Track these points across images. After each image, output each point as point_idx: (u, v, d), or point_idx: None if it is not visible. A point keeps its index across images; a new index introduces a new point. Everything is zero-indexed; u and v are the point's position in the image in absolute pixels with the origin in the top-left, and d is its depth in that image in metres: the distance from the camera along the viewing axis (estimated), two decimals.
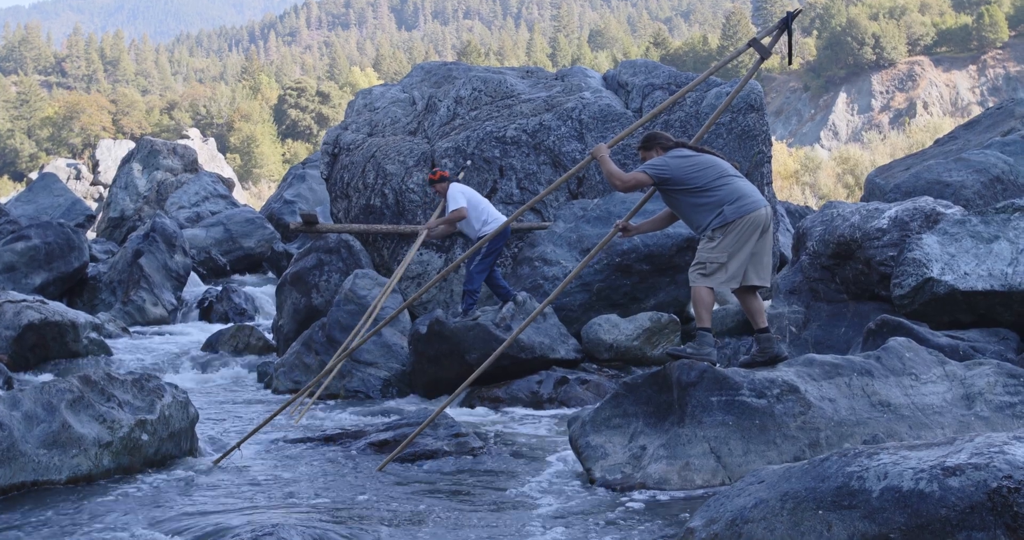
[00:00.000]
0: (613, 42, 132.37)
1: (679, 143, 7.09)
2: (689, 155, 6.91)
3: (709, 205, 6.78)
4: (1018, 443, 3.80)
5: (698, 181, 6.79)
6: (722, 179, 6.79)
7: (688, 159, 6.88)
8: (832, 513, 3.90)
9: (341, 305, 11.96)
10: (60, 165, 66.86)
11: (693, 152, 6.96)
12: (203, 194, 29.86)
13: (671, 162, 6.89)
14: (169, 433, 7.23)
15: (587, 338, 11.60)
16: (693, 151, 6.98)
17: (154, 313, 17.69)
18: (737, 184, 6.80)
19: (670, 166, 6.86)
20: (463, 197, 11.27)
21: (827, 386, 6.62)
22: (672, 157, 6.91)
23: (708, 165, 6.85)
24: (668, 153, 6.98)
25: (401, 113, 16.36)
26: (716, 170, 6.82)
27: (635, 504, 5.83)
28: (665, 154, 6.99)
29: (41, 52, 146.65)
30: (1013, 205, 9.65)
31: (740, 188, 6.78)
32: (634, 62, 17.13)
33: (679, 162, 6.87)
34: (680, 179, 6.82)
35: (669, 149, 7.04)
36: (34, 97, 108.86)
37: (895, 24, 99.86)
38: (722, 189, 6.76)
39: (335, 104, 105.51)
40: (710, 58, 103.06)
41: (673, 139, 7.14)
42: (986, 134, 16.20)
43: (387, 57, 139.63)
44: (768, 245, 6.86)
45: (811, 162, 64.69)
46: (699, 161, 6.87)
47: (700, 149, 7.03)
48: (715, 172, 6.81)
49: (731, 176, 6.85)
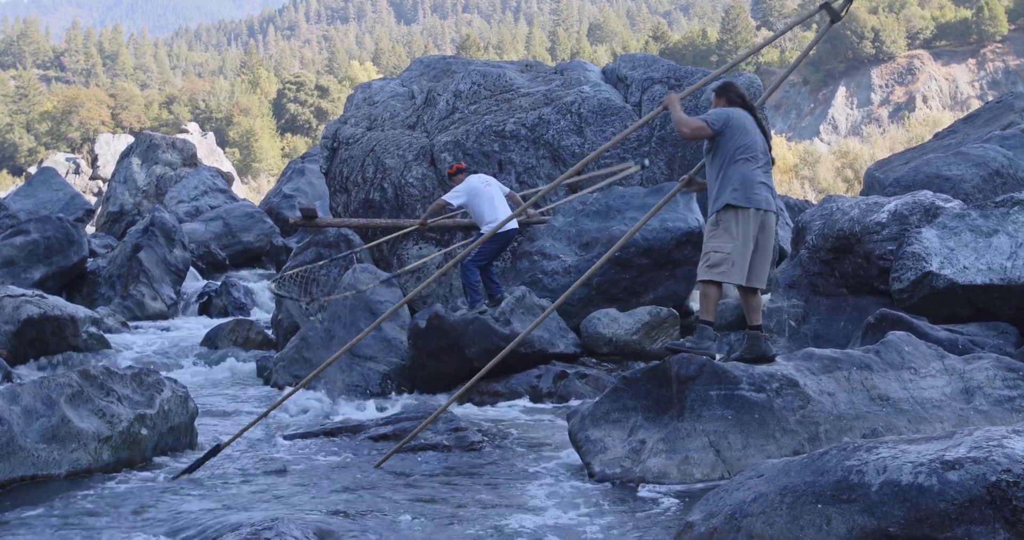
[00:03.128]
0: (612, 36, 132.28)
1: (748, 106, 7.07)
2: (746, 118, 6.90)
3: (726, 179, 6.77)
4: (1017, 437, 3.80)
5: (739, 142, 6.79)
6: (750, 160, 6.79)
7: (744, 121, 6.87)
8: (831, 507, 3.90)
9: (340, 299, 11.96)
10: (59, 159, 66.84)
11: (752, 116, 6.96)
12: (202, 188, 29.84)
13: (733, 113, 6.88)
14: (168, 427, 7.24)
15: (586, 332, 11.60)
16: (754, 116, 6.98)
17: (153, 307, 17.69)
18: (756, 174, 6.78)
19: (731, 117, 6.85)
20: (463, 194, 11.37)
21: (826, 380, 6.62)
22: (735, 111, 6.92)
23: (752, 138, 6.85)
24: (732, 108, 6.98)
25: (400, 107, 16.35)
26: (755, 149, 6.82)
27: (634, 498, 5.83)
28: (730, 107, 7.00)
29: (40, 46, 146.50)
30: (1012, 199, 9.65)
31: (757, 178, 6.78)
32: (633, 56, 17.11)
33: (739, 115, 6.87)
34: (731, 133, 6.80)
35: (734, 105, 7.03)
36: (33, 91, 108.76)
37: (894, 18, 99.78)
38: (746, 169, 6.77)
39: (334, 98, 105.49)
40: (709, 52, 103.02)
41: (744, 98, 7.11)
42: (985, 128, 16.16)
43: (386, 51, 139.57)
44: (769, 248, 6.86)
45: (810, 156, 64.62)
46: (750, 128, 6.87)
47: (760, 123, 7.02)
48: (752, 149, 6.81)
49: (760, 163, 6.84)
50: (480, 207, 11.41)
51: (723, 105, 7.04)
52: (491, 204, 11.43)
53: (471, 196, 11.41)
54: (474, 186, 11.46)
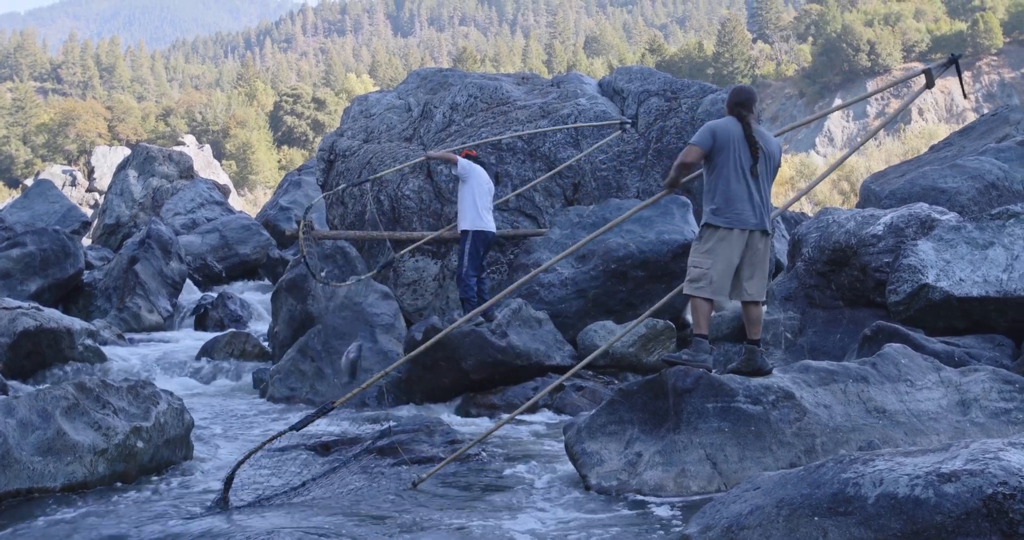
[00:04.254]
0: (609, 48, 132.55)
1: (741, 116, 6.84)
2: (734, 130, 6.74)
3: (710, 194, 6.76)
4: (1013, 449, 3.80)
5: (725, 155, 6.67)
6: (734, 174, 6.69)
7: (730, 133, 6.73)
8: (828, 520, 3.90)
9: (337, 312, 11.96)
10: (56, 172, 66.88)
11: (741, 129, 6.77)
12: (199, 201, 29.81)
13: (719, 127, 6.74)
14: (164, 440, 7.22)
15: (583, 345, 11.60)
16: (744, 128, 6.77)
17: (149, 320, 17.66)
18: (740, 190, 6.70)
19: (716, 131, 6.71)
20: (467, 171, 11.52)
21: (823, 392, 6.62)
22: (721, 124, 6.78)
23: (738, 153, 6.71)
24: (726, 118, 6.86)
25: (397, 119, 16.37)
26: (739, 162, 6.70)
27: (631, 511, 5.82)
28: (727, 117, 6.87)
29: (37, 59, 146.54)
30: (1008, 211, 9.66)
31: (741, 195, 6.73)
32: (629, 68, 17.15)
33: (726, 128, 6.73)
34: (719, 146, 6.68)
35: (732, 113, 6.88)
36: (30, 104, 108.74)
37: (890, 30, 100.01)
38: (729, 186, 6.70)
39: (331, 110, 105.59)
40: (705, 64, 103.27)
41: (745, 107, 6.86)
42: (981, 140, 16.19)
43: (383, 64, 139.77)
44: (762, 262, 6.85)
45: (806, 169, 64.78)
46: (736, 140, 6.72)
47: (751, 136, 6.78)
48: (737, 163, 6.69)
49: (745, 179, 6.70)
50: (466, 199, 11.41)
51: (726, 109, 7.00)
52: (474, 202, 11.40)
53: (470, 179, 11.47)
54: (478, 175, 11.49)
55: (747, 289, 6.85)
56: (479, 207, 11.38)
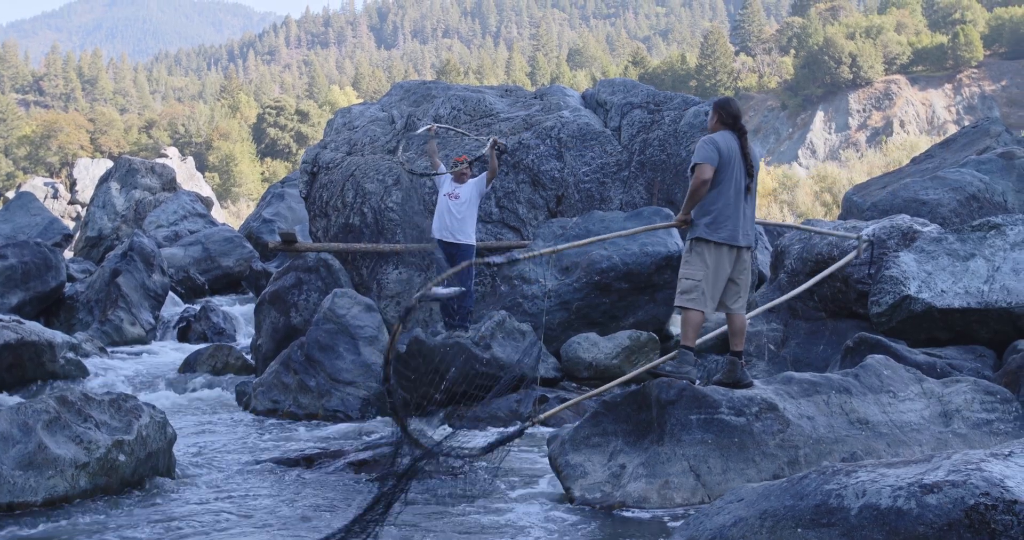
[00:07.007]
0: (592, 61, 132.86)
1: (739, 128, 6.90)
2: (731, 144, 6.80)
3: (703, 208, 6.79)
4: (995, 460, 3.81)
5: (722, 171, 6.71)
6: (733, 194, 6.74)
7: (731, 147, 6.78)
8: (811, 531, 3.91)
9: (320, 324, 11.91)
10: (37, 184, 66.46)
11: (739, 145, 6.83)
12: (181, 213, 29.72)
13: (719, 141, 6.78)
14: (147, 454, 7.18)
15: (566, 357, 11.60)
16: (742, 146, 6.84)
17: (132, 333, 17.58)
18: (730, 205, 6.75)
19: (719, 146, 6.75)
20: (444, 178, 12.40)
21: (806, 404, 6.63)
22: (720, 139, 6.82)
23: (732, 168, 6.77)
24: (721, 132, 6.88)
25: (380, 132, 16.36)
26: (733, 177, 6.75)
27: (615, 523, 5.82)
28: (720, 131, 6.89)
29: (18, 71, 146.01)
30: (989, 223, 9.72)
31: (730, 210, 6.76)
32: (613, 81, 17.19)
33: (724, 142, 6.77)
34: (722, 164, 6.72)
35: (725, 124, 6.91)
36: (11, 116, 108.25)
37: (871, 43, 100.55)
38: (726, 203, 6.74)
39: (314, 123, 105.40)
40: (688, 77, 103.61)
41: (739, 121, 6.93)
42: (962, 153, 16.30)
43: (366, 76, 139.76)
44: (743, 279, 6.90)
45: (789, 180, 64.93)
46: (733, 155, 6.76)
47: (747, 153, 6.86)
48: (731, 178, 6.74)
49: (739, 196, 6.77)
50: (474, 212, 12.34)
51: (715, 122, 7.00)
52: (439, 212, 12.15)
53: (441, 188, 12.32)
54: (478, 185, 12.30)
55: (730, 301, 6.90)
56: (435, 221, 12.13)
